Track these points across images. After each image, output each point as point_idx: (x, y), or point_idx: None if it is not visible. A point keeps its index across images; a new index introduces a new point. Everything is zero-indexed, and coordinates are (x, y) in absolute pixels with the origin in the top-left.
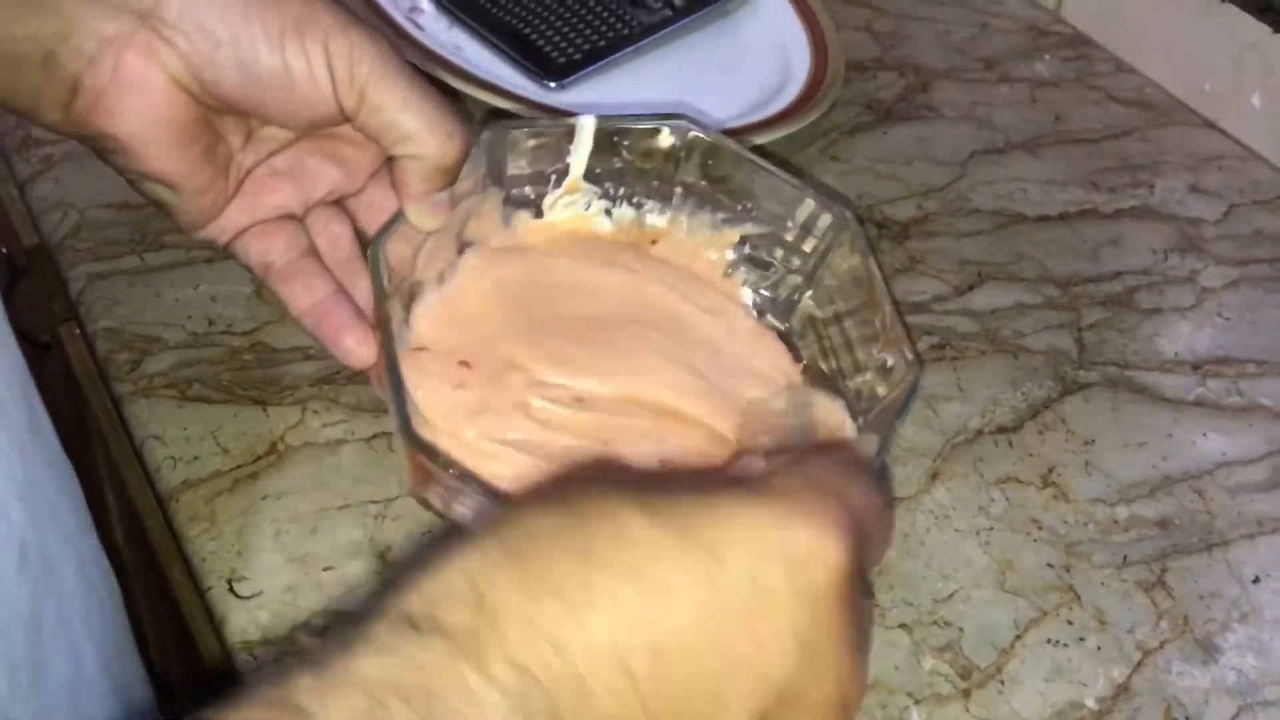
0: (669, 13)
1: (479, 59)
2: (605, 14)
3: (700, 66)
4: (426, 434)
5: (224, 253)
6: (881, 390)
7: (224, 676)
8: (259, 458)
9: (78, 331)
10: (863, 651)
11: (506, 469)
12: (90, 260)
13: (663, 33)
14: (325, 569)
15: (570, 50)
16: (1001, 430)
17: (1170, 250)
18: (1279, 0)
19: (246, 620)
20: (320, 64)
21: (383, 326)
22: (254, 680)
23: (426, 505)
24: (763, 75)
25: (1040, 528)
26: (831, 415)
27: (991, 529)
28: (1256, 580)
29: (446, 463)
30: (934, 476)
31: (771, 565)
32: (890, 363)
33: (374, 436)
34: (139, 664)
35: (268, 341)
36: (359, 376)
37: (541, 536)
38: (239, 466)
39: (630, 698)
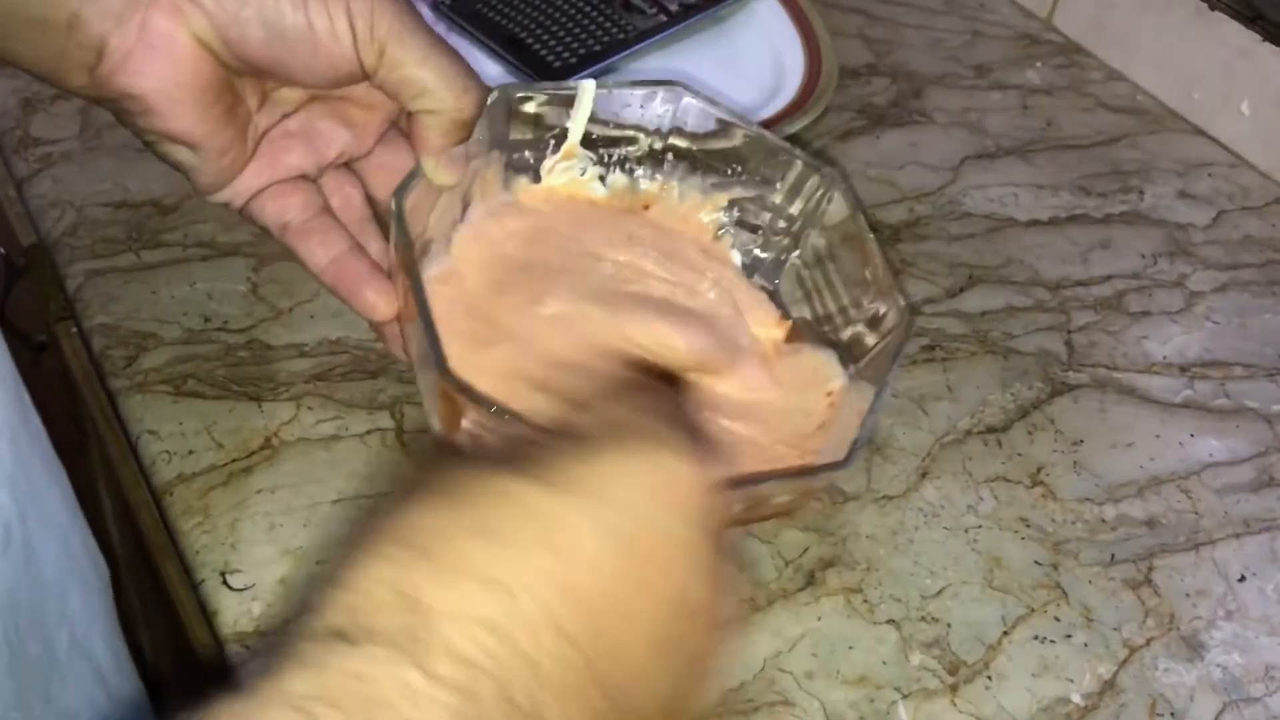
0: (663, 18)
1: (476, 63)
2: (600, 19)
3: (694, 71)
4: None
5: (240, 215)
6: (872, 340)
7: (216, 669)
8: (253, 452)
9: (74, 329)
10: (726, 556)
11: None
12: (87, 257)
13: (657, 38)
14: (318, 562)
15: (566, 55)
16: (991, 430)
17: (1159, 255)
18: (1268, 9)
19: (239, 612)
20: (342, 21)
21: (409, 270)
22: (174, 714)
23: (454, 447)
24: (756, 80)
25: (1028, 526)
26: (823, 366)
27: (980, 527)
28: (1242, 579)
29: (487, 401)
30: (923, 475)
31: (653, 497)
32: (882, 311)
33: (367, 432)
34: (124, 651)
35: (262, 338)
36: (354, 373)
37: (442, 530)
38: (233, 461)
39: (574, 657)
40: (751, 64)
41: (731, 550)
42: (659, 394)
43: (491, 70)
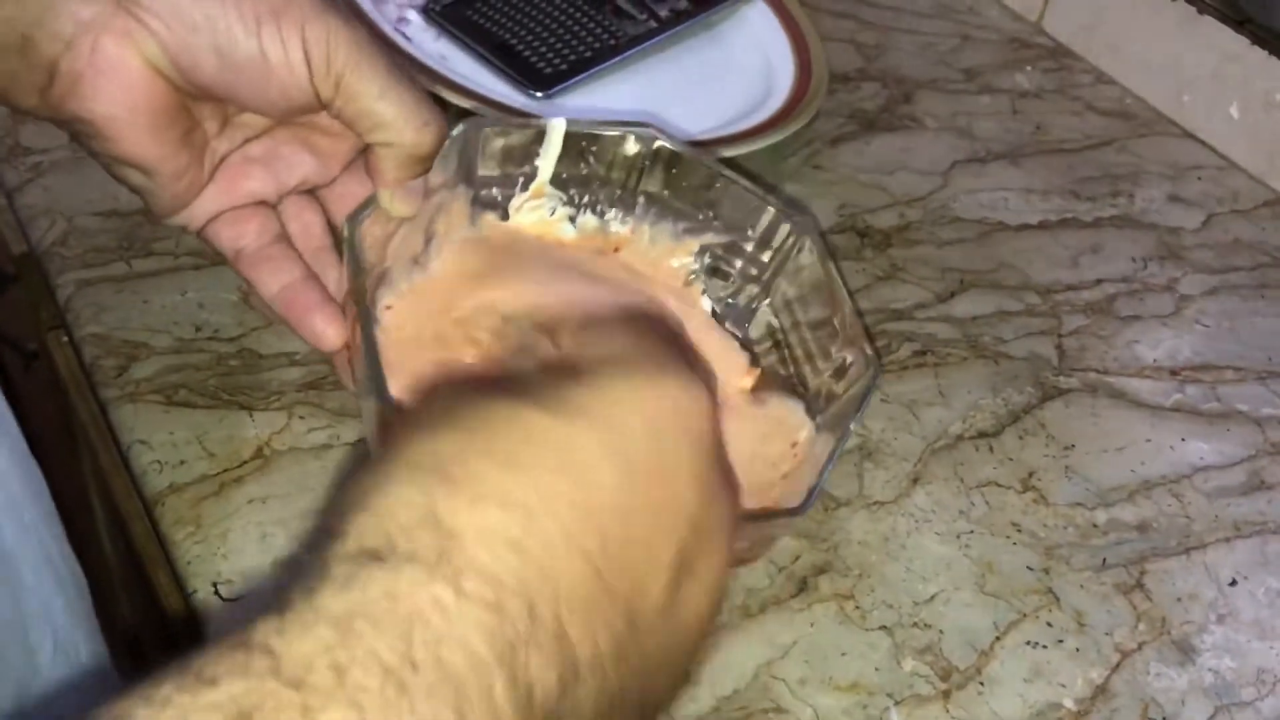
0: (654, 24)
1: (465, 69)
2: (591, 25)
3: (685, 77)
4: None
5: (197, 237)
6: (839, 388)
7: None
8: (244, 462)
9: (65, 339)
10: (727, 475)
11: None
12: (78, 267)
13: (648, 44)
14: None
15: (556, 61)
16: (982, 435)
17: (1150, 258)
18: (1257, 13)
19: (232, 623)
20: (297, 50)
21: (359, 298)
22: (219, 634)
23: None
24: (747, 86)
25: (1020, 531)
26: (789, 416)
27: (972, 532)
28: (1234, 583)
29: None
30: (915, 481)
31: (658, 421)
32: (849, 360)
33: (359, 441)
34: (107, 658)
35: (254, 348)
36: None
37: (458, 454)
38: (224, 471)
39: (589, 572)
40: (742, 70)
41: (729, 465)
42: (653, 323)
43: (483, 78)
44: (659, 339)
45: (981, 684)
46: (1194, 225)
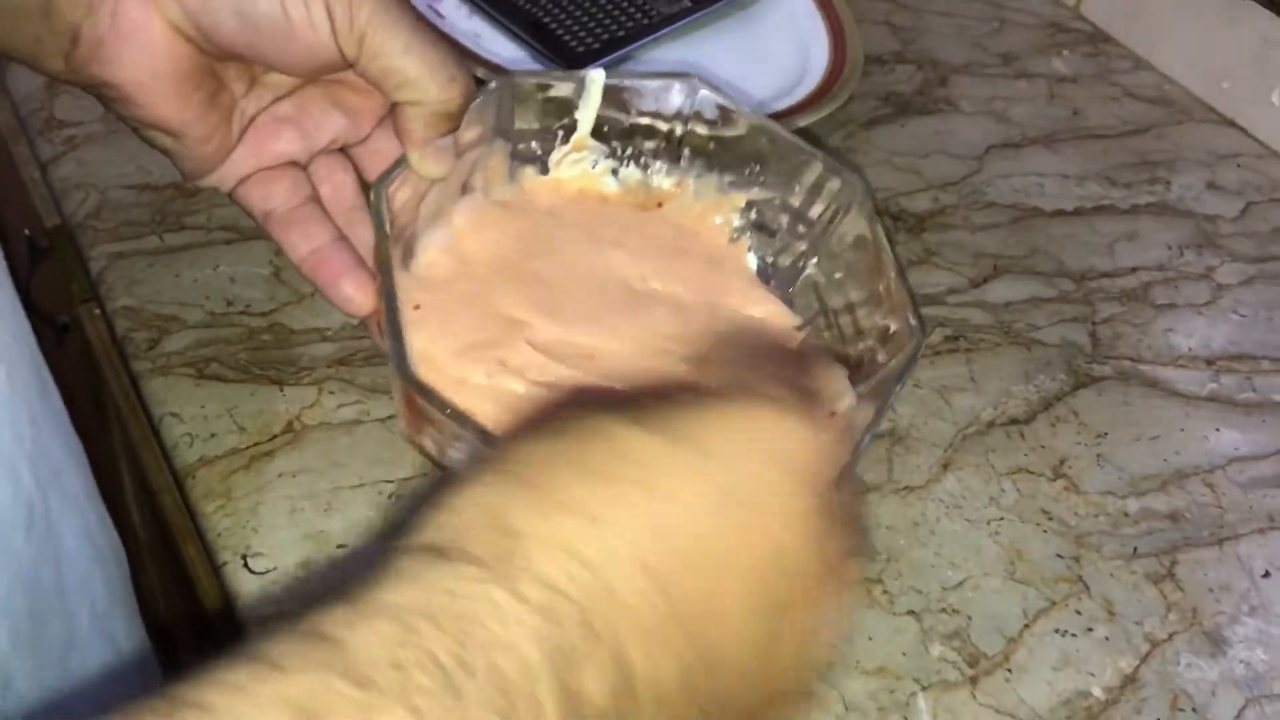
0: (688, 4)
1: (498, 48)
2: (624, 4)
3: (719, 58)
4: (424, 376)
5: (229, 199)
6: (883, 356)
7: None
8: (275, 436)
9: (97, 311)
10: (850, 517)
11: (501, 412)
12: (111, 240)
13: (681, 23)
14: (339, 546)
15: (589, 39)
16: (1013, 422)
17: (1186, 246)
18: None
19: (260, 596)
20: (319, 9)
21: (383, 267)
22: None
23: (420, 449)
24: (781, 67)
25: (1050, 519)
26: (832, 383)
27: (1002, 519)
28: (1267, 575)
29: (442, 404)
30: (945, 466)
31: (757, 452)
32: (893, 329)
33: (389, 417)
34: (142, 631)
35: (285, 323)
36: (376, 358)
37: (545, 462)
38: (255, 445)
39: (655, 596)
40: (776, 51)
41: (848, 515)
42: (772, 354)
43: (516, 57)
44: (773, 369)
45: (1009, 671)
46: (1232, 214)
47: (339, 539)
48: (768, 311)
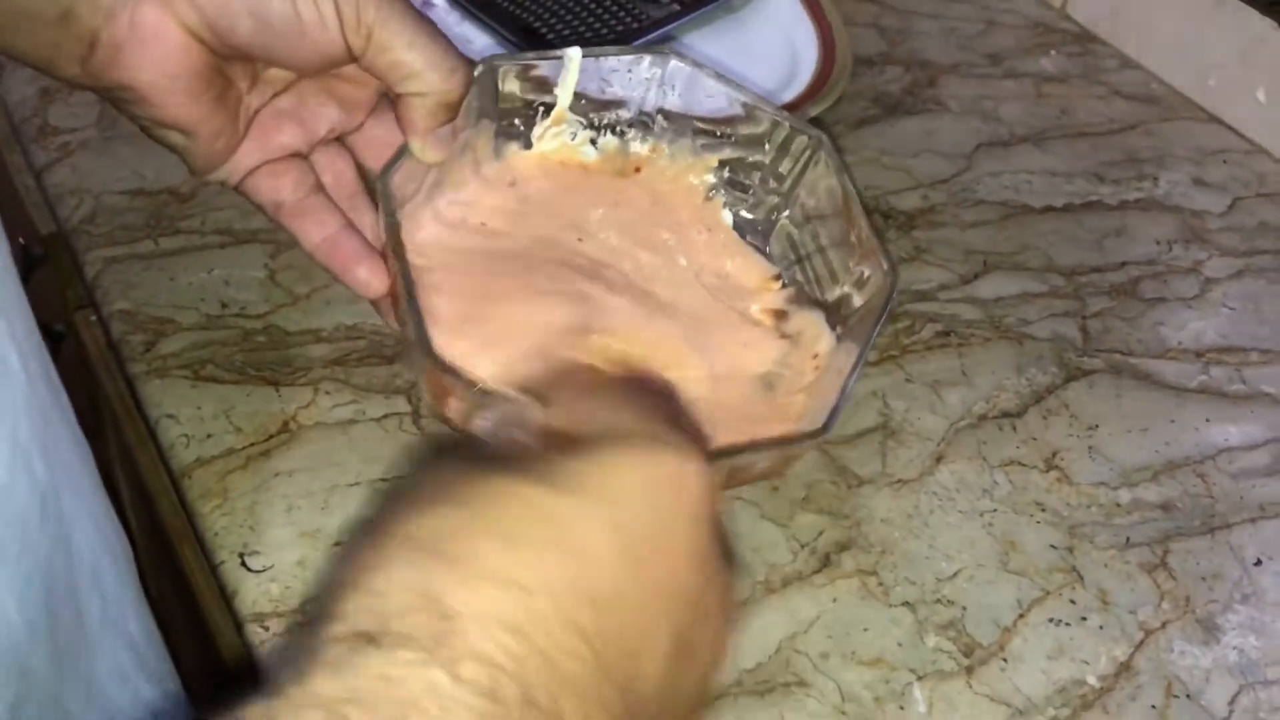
0: (677, 7)
1: (489, 52)
2: (614, 8)
3: (708, 60)
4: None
5: (235, 192)
6: (858, 301)
7: (235, 656)
8: (271, 436)
9: (93, 317)
10: (729, 553)
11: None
12: (105, 245)
13: (671, 26)
14: (336, 544)
15: (579, 44)
16: (1005, 415)
17: (1174, 241)
18: None
19: (258, 593)
20: (329, 8)
21: (397, 252)
22: (206, 714)
23: (446, 422)
24: (770, 69)
25: (1043, 510)
26: (810, 326)
27: (995, 511)
28: (1258, 563)
29: (469, 380)
30: (938, 459)
31: (657, 496)
32: (867, 274)
33: (384, 416)
34: (152, 625)
35: (280, 324)
36: (371, 358)
37: (460, 533)
38: (251, 445)
39: (585, 653)
40: (765, 53)
41: (731, 542)
42: (645, 391)
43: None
44: (653, 407)
45: (1004, 660)
46: (1219, 209)
47: (336, 536)
48: (746, 263)
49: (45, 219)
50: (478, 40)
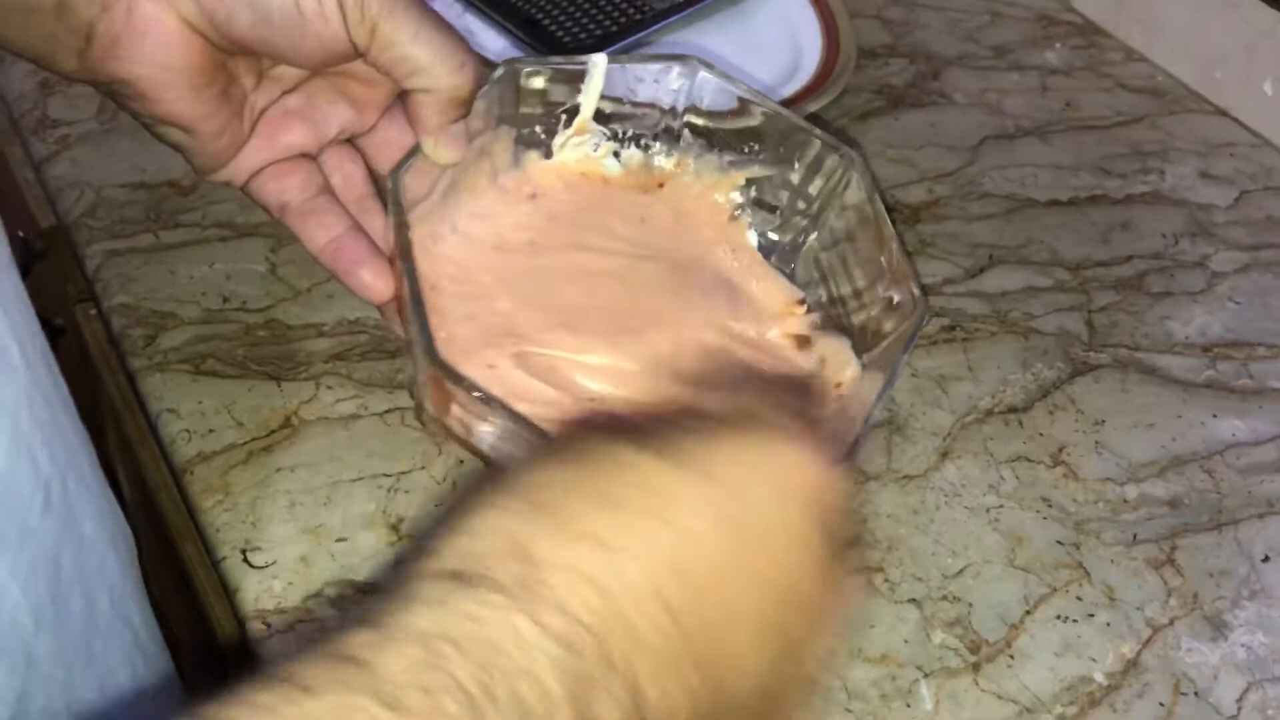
0: (680, 0)
1: (492, 44)
2: (618, 0)
3: (712, 52)
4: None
5: (241, 192)
6: (887, 327)
7: (238, 652)
8: (273, 431)
9: (93, 311)
10: (847, 545)
11: (514, 398)
12: (106, 238)
13: (675, 18)
14: (339, 540)
15: (582, 35)
16: (1012, 410)
17: (1181, 235)
18: None
19: (260, 589)
20: (330, 2)
21: (404, 254)
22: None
23: (447, 431)
24: (774, 61)
25: (1050, 506)
26: (836, 354)
27: (1001, 507)
28: (1266, 559)
29: (470, 386)
30: (944, 455)
31: (770, 485)
32: (896, 300)
33: (387, 411)
34: (154, 620)
35: (281, 318)
36: (373, 353)
37: (562, 489)
38: (253, 440)
39: (670, 626)
40: (769, 44)
41: (848, 549)
42: (783, 386)
43: (508, 51)
44: (785, 402)
45: (1011, 657)
46: (1226, 202)
47: (338, 532)
48: (769, 287)
49: (45, 212)
50: (480, 34)
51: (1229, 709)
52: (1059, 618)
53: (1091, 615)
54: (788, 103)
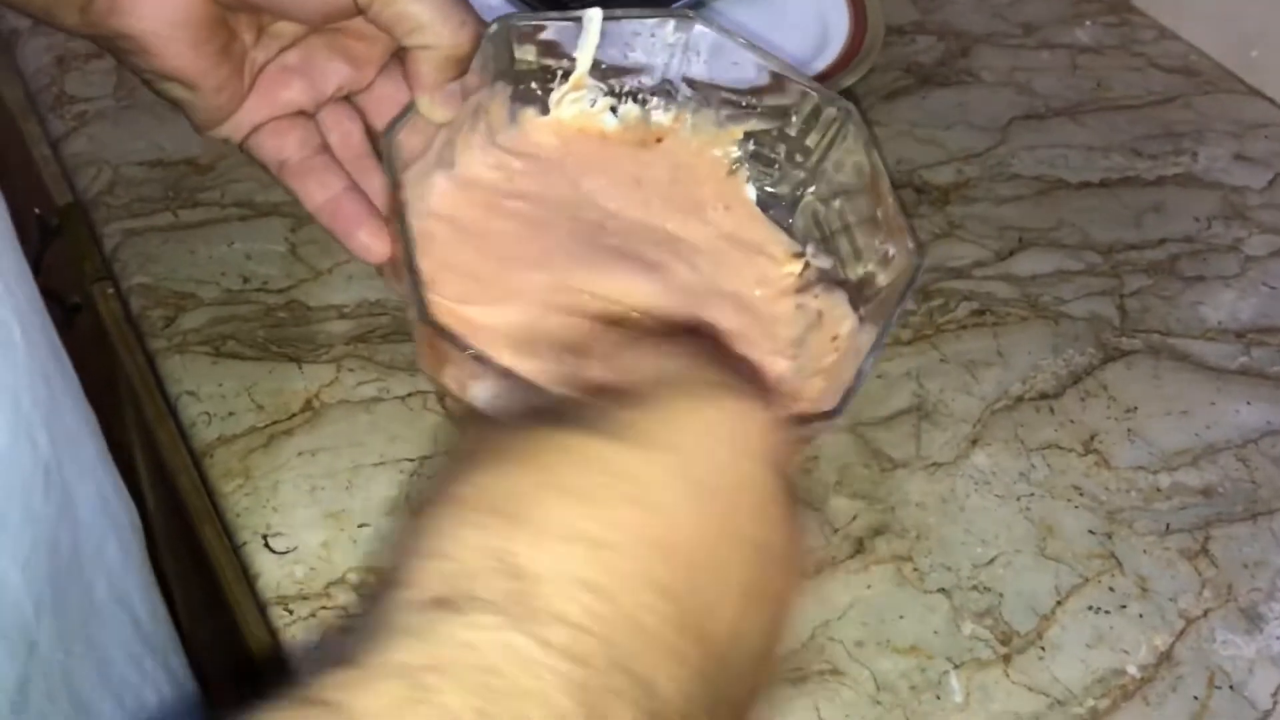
0: None
1: (497, 8)
2: None
3: (739, 29)
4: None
5: (239, 150)
6: (883, 280)
7: (259, 642)
8: (294, 414)
9: (111, 290)
10: (795, 497)
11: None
12: (124, 217)
13: None
14: (360, 525)
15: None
16: (1043, 396)
17: (1214, 218)
18: None
19: (281, 575)
20: None
21: (398, 214)
22: (285, 687)
23: (442, 388)
24: (801, 38)
25: (1081, 494)
26: (833, 308)
27: (1032, 495)
28: None
29: (463, 345)
30: (974, 442)
31: (727, 444)
32: (892, 253)
33: (409, 395)
34: (159, 602)
35: (302, 299)
36: (394, 335)
37: (529, 493)
38: (274, 423)
39: (668, 609)
40: (796, 21)
41: (799, 490)
42: (687, 339)
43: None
44: (697, 353)
45: (1042, 649)
46: (1260, 184)
47: (360, 518)
48: (769, 238)
49: (62, 189)
50: (501, 10)
51: (1265, 703)
52: (1091, 609)
53: (1124, 606)
54: (815, 80)
